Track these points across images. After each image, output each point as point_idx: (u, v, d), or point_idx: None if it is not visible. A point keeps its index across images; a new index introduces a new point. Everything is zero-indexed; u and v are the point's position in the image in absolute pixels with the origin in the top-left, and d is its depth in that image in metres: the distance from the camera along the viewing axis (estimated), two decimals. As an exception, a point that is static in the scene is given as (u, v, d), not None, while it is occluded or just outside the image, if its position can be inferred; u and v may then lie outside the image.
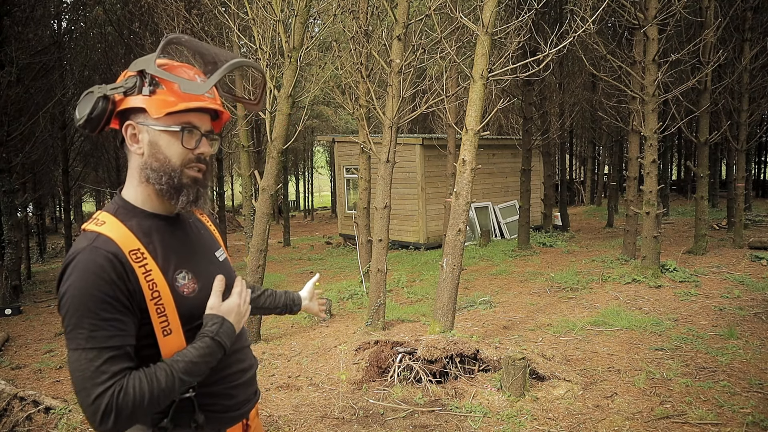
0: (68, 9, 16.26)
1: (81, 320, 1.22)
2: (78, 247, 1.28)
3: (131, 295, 1.27)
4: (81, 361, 1.21)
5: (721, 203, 20.28)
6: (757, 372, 4.53)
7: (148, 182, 1.38)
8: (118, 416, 1.19)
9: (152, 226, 1.39)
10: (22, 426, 3.91)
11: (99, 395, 1.19)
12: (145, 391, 1.23)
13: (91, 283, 1.22)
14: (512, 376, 4.13)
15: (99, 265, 1.24)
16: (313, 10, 7.66)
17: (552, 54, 5.39)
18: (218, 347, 1.35)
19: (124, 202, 1.41)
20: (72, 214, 26.90)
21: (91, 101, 1.33)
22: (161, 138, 1.36)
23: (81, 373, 1.21)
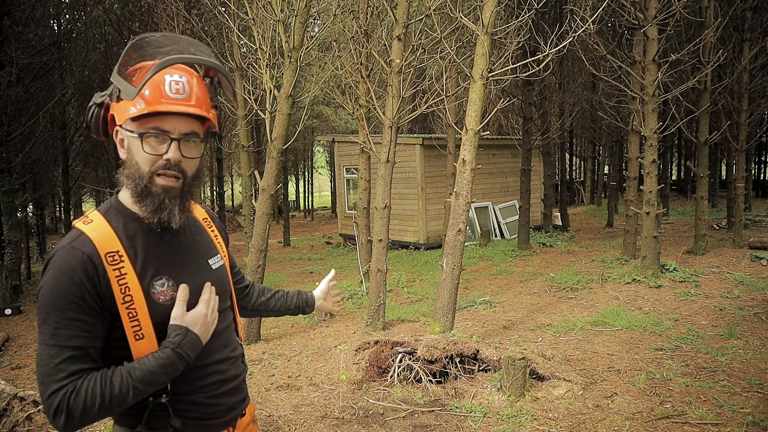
0: (68, 9, 16.26)
1: (48, 317, 1.24)
2: (60, 245, 1.31)
3: (100, 298, 1.28)
4: (43, 357, 1.23)
5: (721, 203, 20.28)
6: (757, 372, 4.53)
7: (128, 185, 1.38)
8: (68, 416, 1.21)
9: (138, 230, 1.38)
10: (22, 426, 3.90)
11: (53, 392, 1.21)
12: (97, 395, 1.23)
13: (61, 282, 1.25)
14: (512, 376, 4.13)
15: (71, 266, 1.26)
16: (313, 10, 7.66)
17: (552, 54, 5.39)
18: (179, 359, 1.33)
19: (117, 202, 1.42)
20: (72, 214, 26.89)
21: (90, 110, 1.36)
22: (133, 144, 1.34)
23: (42, 368, 1.23)
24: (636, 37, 9.35)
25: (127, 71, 1.32)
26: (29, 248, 17.60)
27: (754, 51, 10.87)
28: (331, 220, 30.70)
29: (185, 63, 1.34)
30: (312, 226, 27.88)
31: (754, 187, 22.47)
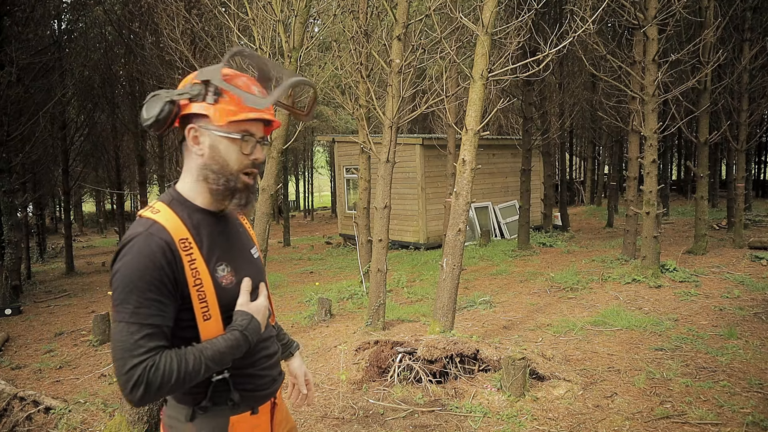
0: (68, 9, 16.27)
1: (129, 296, 1.35)
2: (135, 231, 1.41)
3: (176, 280, 1.40)
4: (123, 333, 1.33)
5: (721, 203, 20.28)
6: (757, 372, 4.53)
7: (206, 181, 1.50)
8: (147, 389, 1.31)
9: (201, 220, 1.51)
10: (22, 426, 3.90)
11: (133, 366, 1.31)
12: (174, 370, 1.34)
13: (142, 265, 1.36)
14: (512, 376, 4.13)
15: (152, 250, 1.38)
16: (313, 10, 7.66)
17: (552, 54, 5.39)
18: (245, 341, 1.48)
19: (178, 194, 1.53)
20: (72, 214, 26.91)
21: (159, 104, 1.44)
22: (221, 143, 1.47)
23: (121, 344, 1.33)
24: (636, 37, 9.35)
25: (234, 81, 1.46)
26: (29, 248, 17.59)
27: (754, 51, 10.87)
28: (331, 220, 30.70)
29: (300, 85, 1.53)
30: (312, 226, 27.88)
31: (754, 187, 22.47)
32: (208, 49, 11.64)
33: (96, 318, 7.25)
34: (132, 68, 15.30)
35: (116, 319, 1.35)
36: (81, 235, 31.58)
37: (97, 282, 13.91)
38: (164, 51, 12.33)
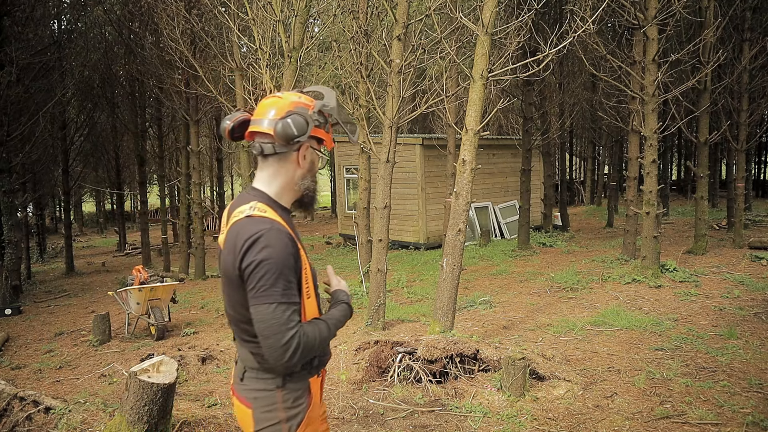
0: (68, 9, 16.26)
1: (277, 281, 1.60)
2: (261, 227, 1.64)
3: (297, 267, 1.69)
4: (276, 312, 1.59)
5: (721, 203, 20.27)
6: (757, 372, 4.53)
7: (298, 187, 1.83)
8: (303, 353, 1.62)
9: (286, 217, 1.79)
10: (22, 426, 3.90)
11: (291, 337, 1.59)
12: (317, 337, 1.68)
13: (283, 255, 1.62)
14: (512, 376, 4.13)
15: (285, 243, 1.65)
16: (313, 10, 7.66)
17: (552, 54, 5.39)
18: (350, 311, 1.87)
19: (267, 197, 1.79)
20: (72, 214, 26.90)
21: (305, 124, 1.75)
22: (316, 160, 1.86)
23: (275, 320, 1.59)
24: (636, 37, 9.35)
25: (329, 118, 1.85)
26: (29, 248, 17.60)
27: (754, 51, 10.87)
28: (331, 220, 30.70)
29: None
30: (312, 226, 27.88)
31: (754, 187, 22.47)
32: (208, 49, 11.63)
33: (96, 318, 7.24)
34: (132, 68, 15.29)
35: (266, 301, 1.59)
36: (81, 235, 31.57)
37: (97, 282, 13.91)
38: (164, 51, 12.32)
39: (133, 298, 7.45)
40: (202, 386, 4.98)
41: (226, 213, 1.82)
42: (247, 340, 1.75)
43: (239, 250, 1.62)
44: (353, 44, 7.77)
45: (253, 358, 1.75)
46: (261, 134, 1.77)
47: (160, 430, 3.39)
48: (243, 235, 1.63)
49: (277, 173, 1.80)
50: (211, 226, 26.68)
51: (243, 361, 1.80)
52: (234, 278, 1.67)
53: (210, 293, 10.96)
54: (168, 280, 8.54)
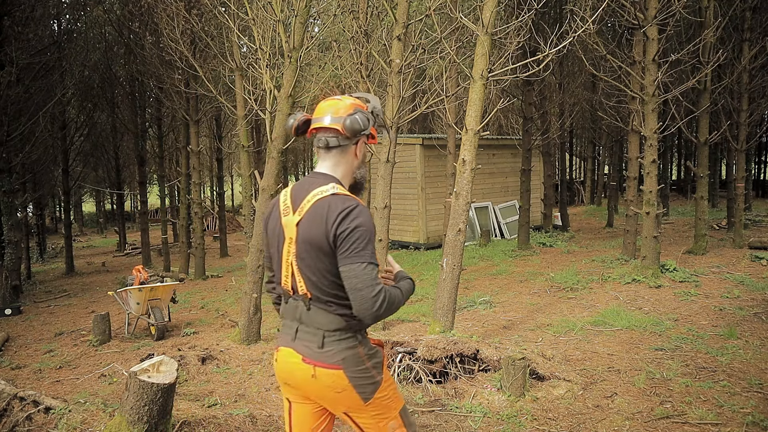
0: (68, 9, 16.26)
1: (367, 245, 1.90)
2: (351, 203, 1.94)
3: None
4: (367, 270, 1.87)
5: (721, 203, 20.27)
6: (757, 372, 4.53)
7: (353, 174, 2.14)
8: (387, 307, 1.90)
9: None
10: (22, 426, 3.90)
11: (378, 291, 1.87)
12: (395, 297, 1.96)
13: (371, 225, 1.93)
14: (512, 376, 4.13)
15: (370, 214, 1.96)
16: (313, 10, 7.66)
17: (552, 54, 5.39)
18: (414, 285, 2.16)
19: (339, 181, 2.07)
20: (72, 214, 26.90)
21: (368, 121, 2.07)
22: (365, 152, 2.19)
23: (367, 276, 1.87)
24: (636, 37, 9.35)
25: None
26: (29, 248, 17.60)
27: (753, 51, 10.87)
28: (331, 220, 30.66)
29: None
30: (312, 226, 27.85)
31: (754, 187, 22.47)
32: (208, 49, 11.64)
33: (96, 318, 7.24)
34: (132, 68, 15.30)
35: (359, 261, 1.87)
36: (81, 235, 31.57)
37: (97, 282, 13.91)
38: (164, 51, 12.32)
39: (133, 298, 7.45)
40: (202, 386, 4.98)
41: (289, 194, 2.07)
42: (331, 302, 1.97)
43: (333, 219, 1.89)
44: (353, 44, 7.77)
45: (339, 318, 1.97)
46: (325, 129, 2.05)
47: (160, 430, 3.39)
48: (335, 208, 1.91)
49: (339, 163, 2.08)
50: (211, 226, 26.68)
51: (322, 326, 1.98)
52: (324, 246, 1.92)
53: (210, 293, 10.96)
54: (168, 280, 8.54)
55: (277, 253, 2.08)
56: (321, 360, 1.96)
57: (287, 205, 2.05)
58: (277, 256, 2.08)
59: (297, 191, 2.05)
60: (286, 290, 2.07)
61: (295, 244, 1.99)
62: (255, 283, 6.28)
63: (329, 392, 1.98)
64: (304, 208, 1.98)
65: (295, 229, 1.98)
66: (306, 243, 1.96)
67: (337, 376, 1.96)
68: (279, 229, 2.06)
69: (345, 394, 1.98)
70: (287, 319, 2.09)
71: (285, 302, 2.11)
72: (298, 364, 2.00)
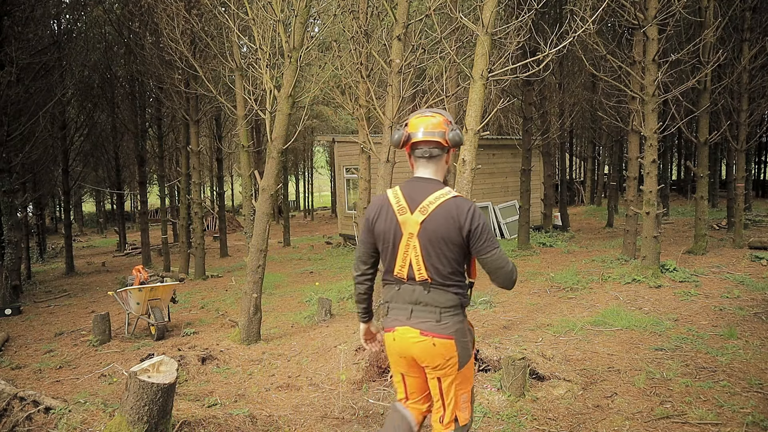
0: (68, 9, 16.26)
1: (492, 235, 2.38)
2: (470, 203, 2.36)
3: None
4: (501, 253, 2.37)
5: (721, 203, 20.28)
6: (757, 372, 4.53)
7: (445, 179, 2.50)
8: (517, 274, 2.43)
9: None
10: (22, 426, 3.90)
11: (513, 265, 2.41)
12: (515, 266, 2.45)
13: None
14: (512, 376, 4.13)
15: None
16: (313, 10, 7.66)
17: (552, 54, 5.39)
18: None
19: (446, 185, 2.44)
20: (72, 214, 26.90)
21: (462, 134, 2.51)
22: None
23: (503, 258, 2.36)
24: (636, 37, 9.35)
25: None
26: (29, 248, 17.60)
27: (753, 51, 10.87)
28: (331, 220, 30.71)
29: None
30: (312, 226, 27.89)
31: (754, 187, 22.47)
32: (208, 49, 11.64)
33: (96, 318, 7.24)
34: (132, 68, 15.30)
35: (495, 247, 2.35)
36: (81, 235, 31.58)
37: (97, 282, 13.91)
38: (164, 51, 12.32)
39: (133, 298, 7.45)
40: (202, 386, 4.99)
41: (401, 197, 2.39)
42: (449, 284, 2.35)
43: (465, 217, 2.29)
44: (353, 44, 7.77)
45: (454, 296, 2.36)
46: (427, 142, 2.40)
47: (160, 430, 3.39)
48: (463, 207, 2.30)
49: (438, 169, 2.45)
50: (211, 226, 26.68)
51: (440, 304, 2.35)
52: (455, 238, 2.31)
53: (210, 293, 10.96)
54: (168, 280, 8.54)
55: (392, 246, 2.39)
56: (438, 332, 2.33)
57: (402, 206, 2.37)
58: (392, 249, 2.40)
59: (411, 194, 2.38)
60: (401, 278, 2.40)
61: (417, 238, 2.34)
62: (255, 283, 6.28)
63: (440, 359, 2.35)
64: (428, 208, 2.32)
65: (419, 225, 2.33)
66: (434, 236, 2.31)
67: (449, 345, 2.34)
68: (395, 227, 2.37)
69: (451, 361, 2.36)
70: (399, 303, 2.42)
71: (398, 288, 2.42)
72: (416, 338, 2.35)
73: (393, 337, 2.44)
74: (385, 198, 2.44)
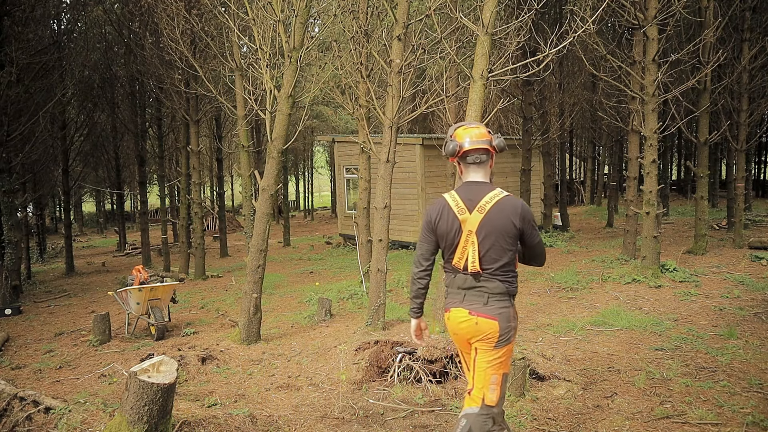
0: (68, 9, 16.26)
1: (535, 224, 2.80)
2: (519, 200, 2.78)
3: None
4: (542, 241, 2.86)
5: (721, 203, 20.27)
6: (757, 372, 4.53)
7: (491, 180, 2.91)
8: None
9: None
10: (22, 426, 3.90)
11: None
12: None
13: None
14: (512, 376, 4.13)
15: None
16: (313, 10, 7.66)
17: (552, 54, 5.39)
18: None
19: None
20: (72, 214, 26.90)
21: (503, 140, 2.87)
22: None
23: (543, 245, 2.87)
24: (636, 37, 9.35)
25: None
26: (29, 248, 17.60)
27: (753, 51, 10.87)
28: (331, 220, 30.70)
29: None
30: (312, 226, 27.88)
31: (754, 187, 22.45)
32: (208, 49, 11.64)
33: (96, 318, 7.24)
34: (132, 68, 15.30)
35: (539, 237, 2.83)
36: (81, 235, 31.57)
37: (97, 282, 13.91)
38: (164, 51, 12.32)
39: (133, 298, 7.45)
40: (202, 386, 4.99)
41: (459, 199, 2.76)
42: (497, 274, 2.72)
43: (519, 213, 2.69)
44: (353, 44, 7.77)
45: (501, 284, 2.72)
46: (477, 150, 2.77)
47: (160, 430, 3.39)
48: (516, 204, 2.71)
49: (486, 173, 2.84)
50: (211, 226, 26.68)
51: (489, 290, 2.72)
52: (511, 231, 2.69)
53: (210, 293, 10.96)
54: (168, 280, 8.54)
55: (452, 242, 2.77)
56: (483, 312, 2.72)
57: (461, 207, 2.75)
58: (453, 245, 2.77)
59: (468, 196, 2.76)
60: (457, 268, 2.78)
61: (476, 234, 2.71)
62: (255, 283, 6.28)
63: (481, 335, 2.73)
64: (485, 207, 2.70)
65: (478, 223, 2.70)
66: (493, 230, 2.69)
67: (493, 324, 2.71)
68: (456, 225, 2.74)
69: (490, 335, 2.71)
70: (455, 288, 2.82)
71: (454, 276, 2.82)
72: (464, 317, 2.76)
73: (448, 316, 2.86)
74: (444, 202, 2.81)
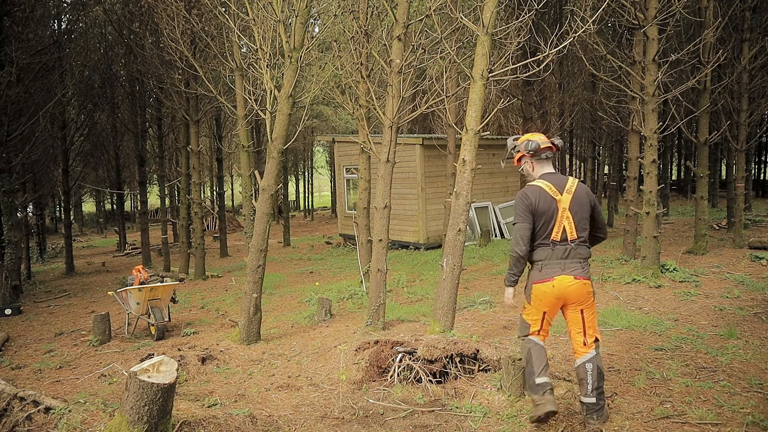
0: (68, 9, 16.26)
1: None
2: (584, 185, 3.56)
3: None
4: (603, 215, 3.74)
5: (721, 203, 20.27)
6: (757, 372, 4.53)
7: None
8: None
9: None
10: (22, 426, 3.90)
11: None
12: None
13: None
14: (512, 376, 4.13)
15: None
16: (313, 10, 7.67)
17: (552, 54, 5.39)
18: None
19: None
20: (72, 214, 26.89)
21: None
22: None
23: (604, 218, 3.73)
24: (636, 37, 9.35)
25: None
26: (29, 248, 17.60)
27: (753, 51, 10.86)
28: (331, 220, 30.70)
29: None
30: (312, 226, 27.89)
31: (754, 187, 22.44)
32: (208, 49, 11.64)
33: (96, 318, 7.24)
34: (132, 68, 15.30)
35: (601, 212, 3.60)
36: (81, 235, 31.58)
37: (97, 282, 13.91)
38: (164, 51, 12.32)
39: (133, 298, 7.46)
40: (202, 386, 4.99)
41: (551, 185, 3.52)
42: (586, 241, 3.55)
43: (590, 194, 3.55)
44: (353, 44, 7.77)
45: (588, 250, 3.56)
46: (548, 148, 3.65)
47: (160, 430, 3.39)
48: (587, 188, 3.55)
49: (552, 166, 3.67)
50: (211, 226, 26.68)
51: (583, 255, 3.51)
52: (588, 207, 3.54)
53: (210, 293, 10.96)
54: (168, 280, 8.54)
55: (550, 219, 3.47)
56: (583, 275, 3.49)
57: (554, 190, 3.50)
58: (550, 221, 3.48)
59: (555, 182, 3.53)
60: (556, 240, 3.48)
61: (569, 210, 3.48)
62: (255, 283, 6.28)
63: (586, 294, 3.51)
64: (572, 189, 3.52)
65: (569, 201, 3.49)
66: (580, 207, 3.51)
67: (589, 284, 3.53)
68: (553, 204, 3.48)
69: (590, 295, 3.54)
70: (553, 260, 3.48)
71: (552, 249, 3.48)
72: (572, 282, 3.46)
73: (552, 284, 3.48)
74: (539, 187, 3.52)
